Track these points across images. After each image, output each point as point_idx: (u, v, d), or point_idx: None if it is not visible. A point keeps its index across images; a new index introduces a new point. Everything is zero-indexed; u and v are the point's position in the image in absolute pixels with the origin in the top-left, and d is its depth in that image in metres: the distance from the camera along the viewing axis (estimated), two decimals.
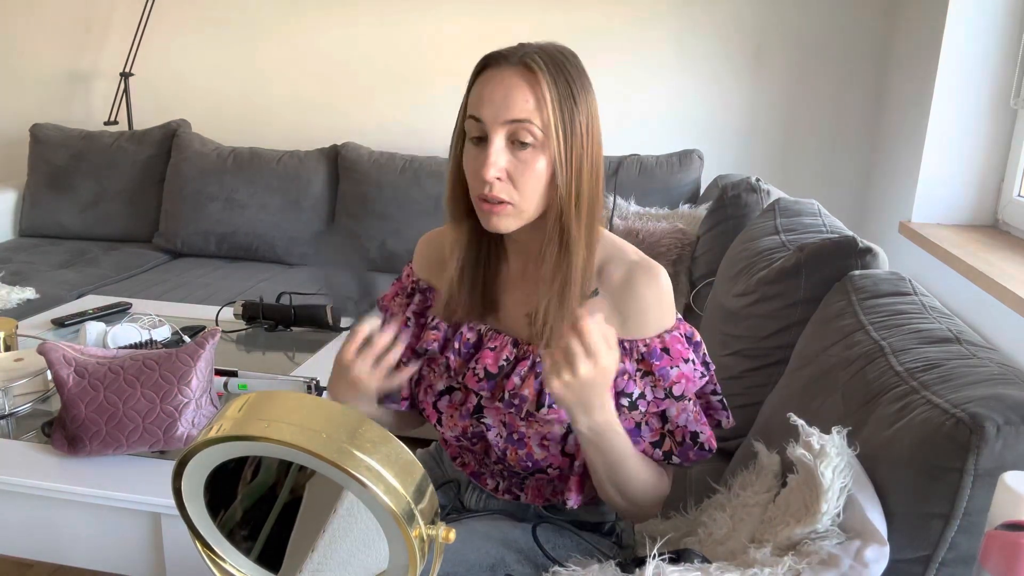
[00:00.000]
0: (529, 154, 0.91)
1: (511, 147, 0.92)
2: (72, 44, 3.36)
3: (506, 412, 1.01)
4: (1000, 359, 1.03)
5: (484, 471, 1.13)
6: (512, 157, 0.92)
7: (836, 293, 1.38)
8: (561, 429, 1.00)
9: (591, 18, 2.90)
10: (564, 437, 1.00)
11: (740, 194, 2.13)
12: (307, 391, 1.59)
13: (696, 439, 1.00)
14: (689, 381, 0.99)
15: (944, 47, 2.08)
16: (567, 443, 1.01)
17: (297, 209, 2.96)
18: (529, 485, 1.10)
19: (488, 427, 1.02)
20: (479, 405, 1.03)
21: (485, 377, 1.02)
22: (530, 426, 1.00)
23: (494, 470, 1.11)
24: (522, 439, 1.01)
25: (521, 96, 0.90)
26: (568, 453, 1.01)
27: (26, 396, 1.53)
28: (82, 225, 3.15)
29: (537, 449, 1.01)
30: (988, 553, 0.69)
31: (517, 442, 1.01)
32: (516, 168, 0.92)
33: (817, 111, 2.83)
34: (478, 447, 1.07)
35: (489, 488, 1.13)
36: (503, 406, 1.00)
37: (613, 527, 1.15)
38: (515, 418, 1.01)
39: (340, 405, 0.60)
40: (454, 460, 1.16)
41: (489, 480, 1.12)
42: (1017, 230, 2.00)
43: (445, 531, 0.61)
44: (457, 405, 1.06)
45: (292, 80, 3.21)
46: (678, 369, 0.98)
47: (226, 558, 0.67)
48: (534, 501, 1.10)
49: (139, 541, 1.30)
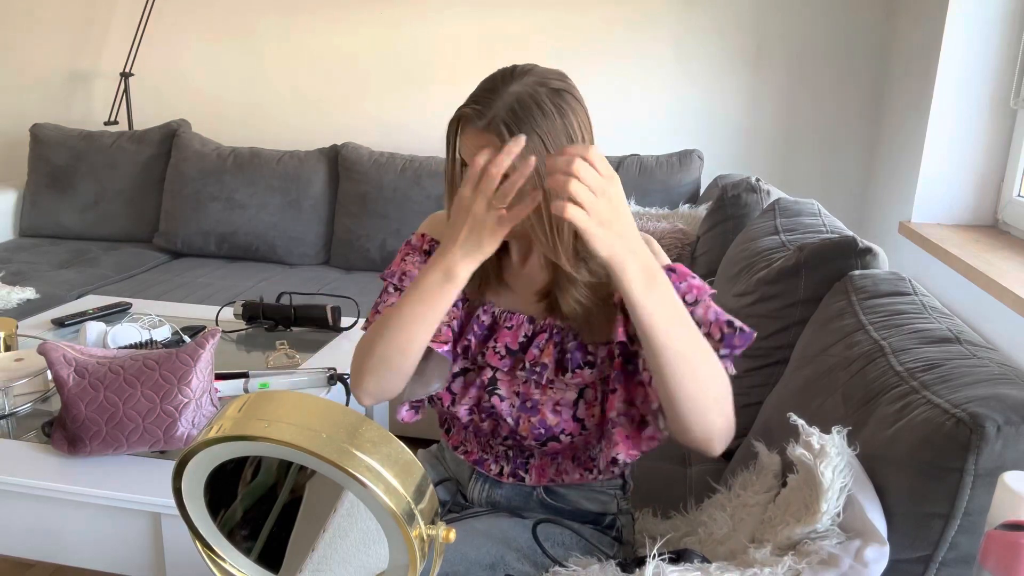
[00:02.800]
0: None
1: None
2: (72, 44, 3.36)
3: (522, 383, 1.04)
4: (1000, 359, 1.03)
5: (488, 456, 1.15)
6: None
7: (836, 293, 1.38)
8: (573, 394, 1.03)
9: (591, 18, 2.90)
10: (575, 402, 1.03)
11: (740, 194, 2.13)
12: (328, 382, 1.59)
13: (732, 325, 0.97)
14: (700, 290, 0.99)
15: (944, 47, 2.08)
16: (578, 408, 1.03)
17: (297, 209, 2.96)
18: (533, 464, 1.12)
19: (501, 398, 1.05)
20: (493, 378, 1.06)
21: (508, 354, 1.05)
22: (544, 393, 1.03)
23: (498, 452, 1.13)
24: (535, 406, 1.04)
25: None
26: (579, 418, 1.03)
27: (26, 396, 1.53)
28: (82, 225, 3.15)
29: (550, 415, 1.03)
30: (988, 553, 0.69)
31: (530, 410, 1.04)
32: None
33: (817, 111, 2.83)
34: (486, 424, 1.08)
35: (493, 473, 1.14)
36: (525, 374, 1.04)
37: (614, 521, 1.16)
38: (530, 387, 1.04)
39: (340, 405, 0.60)
40: (456, 450, 1.18)
41: (493, 465, 1.14)
42: (1017, 230, 2.00)
43: (445, 531, 0.61)
44: (470, 383, 1.08)
45: (292, 80, 3.21)
46: (687, 282, 0.98)
47: (226, 558, 0.67)
48: (538, 482, 1.12)
49: (139, 541, 1.31)
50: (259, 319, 1.95)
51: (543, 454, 1.11)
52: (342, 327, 1.95)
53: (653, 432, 1.01)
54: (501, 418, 1.05)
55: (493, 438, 1.11)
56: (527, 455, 1.12)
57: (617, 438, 1.01)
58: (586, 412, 1.03)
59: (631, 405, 1.01)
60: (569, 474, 1.11)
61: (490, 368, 1.06)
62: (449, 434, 1.20)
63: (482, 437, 1.13)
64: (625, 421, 1.01)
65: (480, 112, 0.93)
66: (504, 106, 0.92)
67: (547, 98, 0.92)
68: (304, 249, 2.98)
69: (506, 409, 1.05)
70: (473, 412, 1.08)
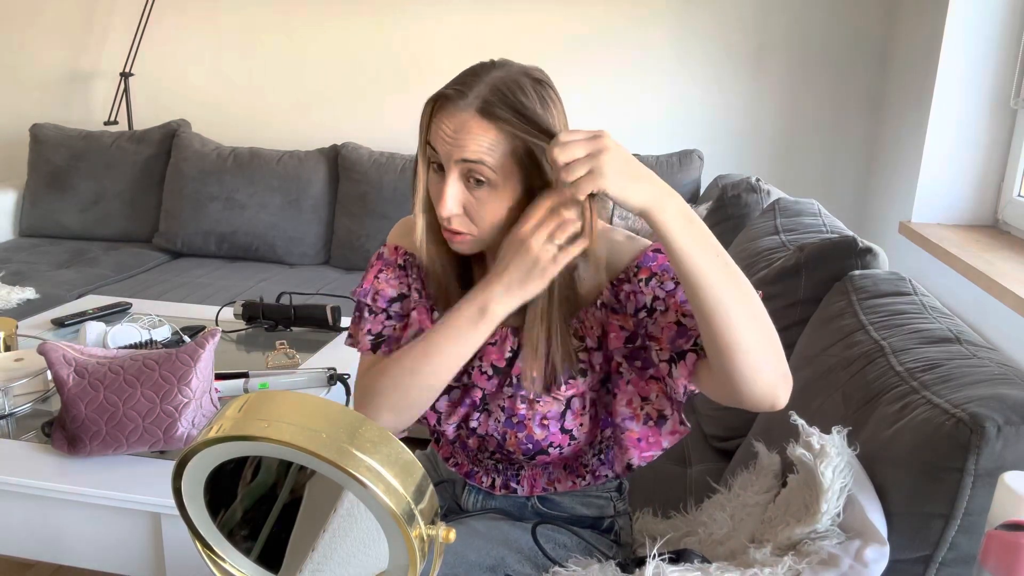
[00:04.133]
0: (485, 193, 0.90)
1: (467, 184, 0.90)
2: (72, 44, 3.36)
3: (507, 398, 1.01)
4: (1000, 359, 1.03)
5: (478, 469, 1.13)
6: (468, 195, 0.90)
7: (836, 293, 1.38)
8: (560, 407, 1.00)
9: (591, 18, 2.90)
10: (562, 414, 1.00)
11: (740, 194, 2.13)
12: (328, 381, 1.59)
13: None
14: None
15: (944, 47, 2.08)
16: (565, 420, 1.00)
17: (297, 209, 2.96)
18: (524, 476, 1.10)
19: (489, 413, 1.02)
20: (483, 397, 1.03)
21: (494, 373, 1.02)
22: (531, 407, 1.00)
23: (488, 465, 1.11)
24: (522, 421, 1.00)
25: (470, 137, 0.87)
26: (567, 430, 1.01)
27: (26, 396, 1.53)
28: (82, 225, 3.15)
29: (537, 430, 1.00)
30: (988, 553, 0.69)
31: (516, 425, 1.00)
32: (472, 205, 0.91)
33: (817, 111, 2.83)
34: (472, 441, 1.06)
35: (485, 486, 1.12)
36: (512, 390, 1.00)
37: (612, 523, 1.15)
38: (516, 402, 1.00)
39: (340, 405, 0.60)
40: (447, 461, 1.16)
41: (484, 478, 1.12)
42: (1017, 230, 2.00)
43: (445, 531, 0.61)
44: (455, 403, 1.05)
45: (292, 80, 3.21)
46: None
47: (226, 558, 0.67)
48: (531, 492, 1.10)
49: (139, 541, 1.30)
50: (259, 319, 1.95)
51: (533, 465, 1.08)
52: (342, 327, 1.95)
53: (674, 427, 0.97)
54: (488, 435, 1.03)
55: (481, 452, 1.08)
56: (517, 467, 1.10)
57: (628, 442, 0.98)
58: (574, 423, 1.00)
59: (645, 402, 0.98)
60: (562, 482, 1.09)
61: (478, 388, 1.03)
62: (440, 444, 1.17)
63: (470, 452, 1.10)
64: (634, 424, 0.98)
65: (461, 92, 0.88)
66: (487, 86, 0.88)
67: (530, 86, 0.89)
68: (304, 249, 2.98)
69: (492, 425, 1.02)
70: (460, 428, 1.06)
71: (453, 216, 0.91)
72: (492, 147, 0.87)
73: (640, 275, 0.94)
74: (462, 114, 0.87)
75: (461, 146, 0.87)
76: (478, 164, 0.87)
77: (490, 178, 0.88)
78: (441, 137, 0.89)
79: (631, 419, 0.98)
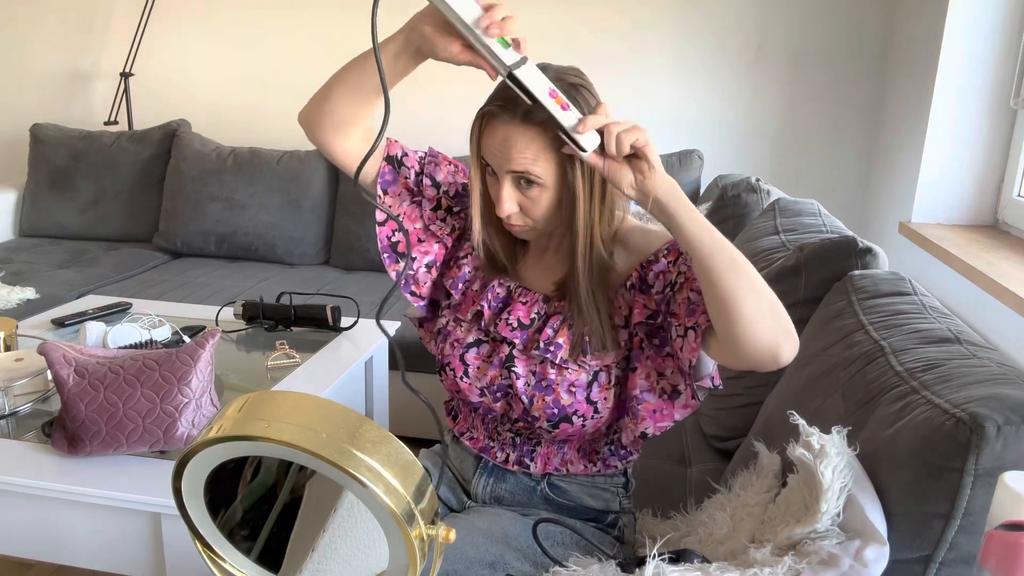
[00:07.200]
0: (536, 191, 1.00)
1: (519, 186, 1.00)
2: (72, 44, 3.36)
3: (538, 363, 1.06)
4: (1000, 359, 1.03)
5: (494, 443, 1.16)
6: (522, 195, 1.01)
7: (836, 293, 1.38)
8: (588, 376, 1.05)
9: (591, 18, 2.90)
10: (589, 384, 1.05)
11: (740, 194, 2.13)
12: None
13: None
14: None
15: (944, 47, 2.08)
16: (592, 390, 1.05)
17: (297, 209, 2.96)
18: (539, 453, 1.14)
19: (517, 375, 1.07)
20: (511, 355, 1.08)
21: (519, 327, 1.08)
22: (560, 373, 1.05)
23: (505, 439, 1.15)
24: (550, 386, 1.06)
25: (516, 151, 0.96)
26: (592, 400, 1.06)
27: (26, 396, 1.53)
28: (82, 225, 3.15)
29: (565, 395, 1.05)
30: (988, 553, 0.69)
31: (545, 389, 1.06)
32: (526, 203, 1.01)
33: (817, 111, 2.83)
34: (499, 404, 1.10)
35: (499, 461, 1.16)
36: (540, 353, 1.05)
37: (616, 519, 1.16)
38: (547, 367, 1.06)
39: (340, 405, 0.60)
40: (462, 436, 1.20)
41: (499, 452, 1.16)
42: (1017, 230, 2.00)
43: (445, 531, 0.61)
44: (485, 357, 1.11)
45: (292, 80, 3.21)
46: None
47: (226, 558, 0.67)
48: (543, 470, 1.14)
49: (139, 541, 1.31)
50: (259, 319, 1.95)
51: (550, 441, 1.12)
52: (342, 327, 1.95)
53: (686, 401, 1.05)
54: (516, 396, 1.07)
55: (502, 424, 1.13)
56: (534, 443, 1.14)
57: (643, 413, 1.05)
58: (599, 395, 1.06)
59: (661, 377, 1.05)
60: (574, 464, 1.14)
61: (506, 344, 1.08)
62: (456, 420, 1.22)
63: (490, 422, 1.15)
64: (651, 396, 1.05)
65: (504, 107, 0.97)
66: None
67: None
68: (304, 249, 2.98)
69: (521, 387, 1.07)
70: (486, 393, 1.10)
71: (511, 214, 1.02)
72: (537, 155, 0.96)
73: (669, 256, 1.03)
74: (506, 127, 0.97)
75: (510, 159, 0.97)
76: (526, 173, 0.97)
77: (539, 181, 0.98)
78: (491, 151, 1.00)
79: (648, 391, 1.05)
